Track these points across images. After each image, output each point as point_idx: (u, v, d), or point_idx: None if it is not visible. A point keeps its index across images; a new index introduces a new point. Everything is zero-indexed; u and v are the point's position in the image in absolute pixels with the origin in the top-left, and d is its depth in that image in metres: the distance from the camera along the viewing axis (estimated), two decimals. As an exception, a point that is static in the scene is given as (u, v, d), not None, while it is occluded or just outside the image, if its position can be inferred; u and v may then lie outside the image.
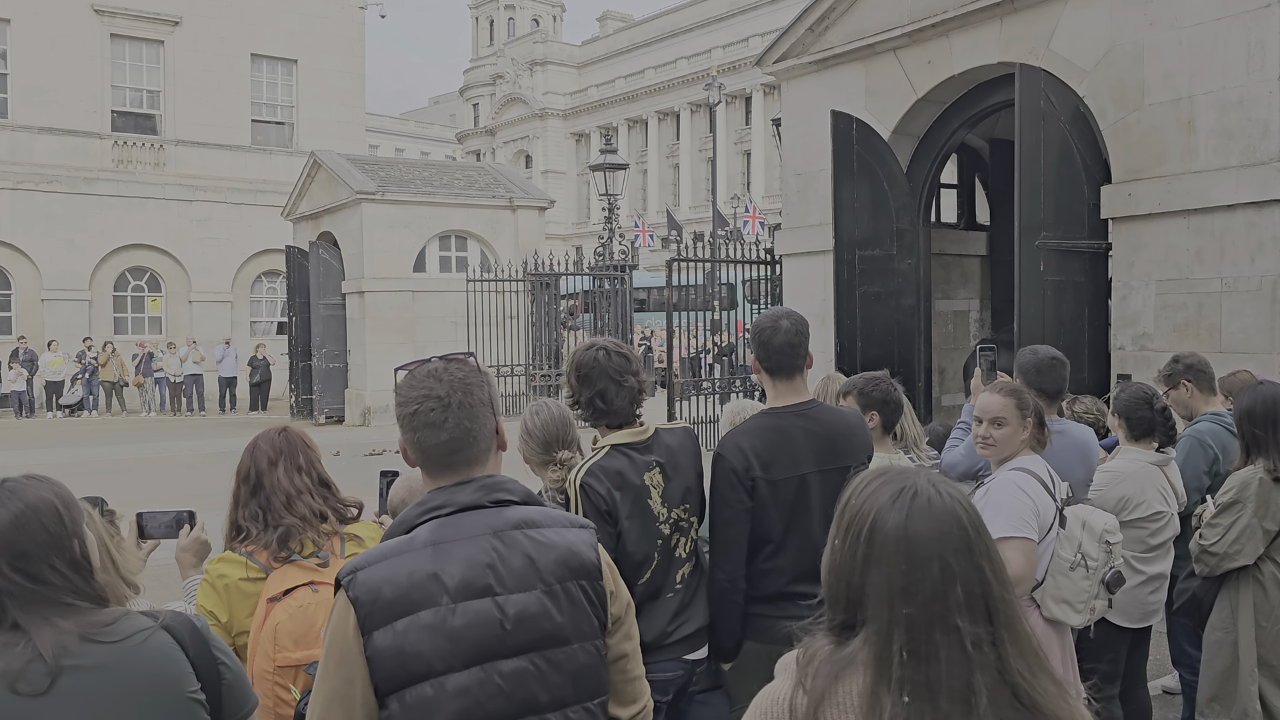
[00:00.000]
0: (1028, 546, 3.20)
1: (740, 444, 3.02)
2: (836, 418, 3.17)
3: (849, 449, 3.13)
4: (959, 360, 10.38)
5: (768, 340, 3.08)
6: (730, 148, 59.99)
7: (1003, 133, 10.20)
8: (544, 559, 1.81)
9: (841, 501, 1.44)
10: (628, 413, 2.94)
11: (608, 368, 2.89)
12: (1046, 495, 3.30)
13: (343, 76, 27.73)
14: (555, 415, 3.17)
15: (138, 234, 25.12)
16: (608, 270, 17.99)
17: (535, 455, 3.18)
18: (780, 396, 3.13)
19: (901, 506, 1.32)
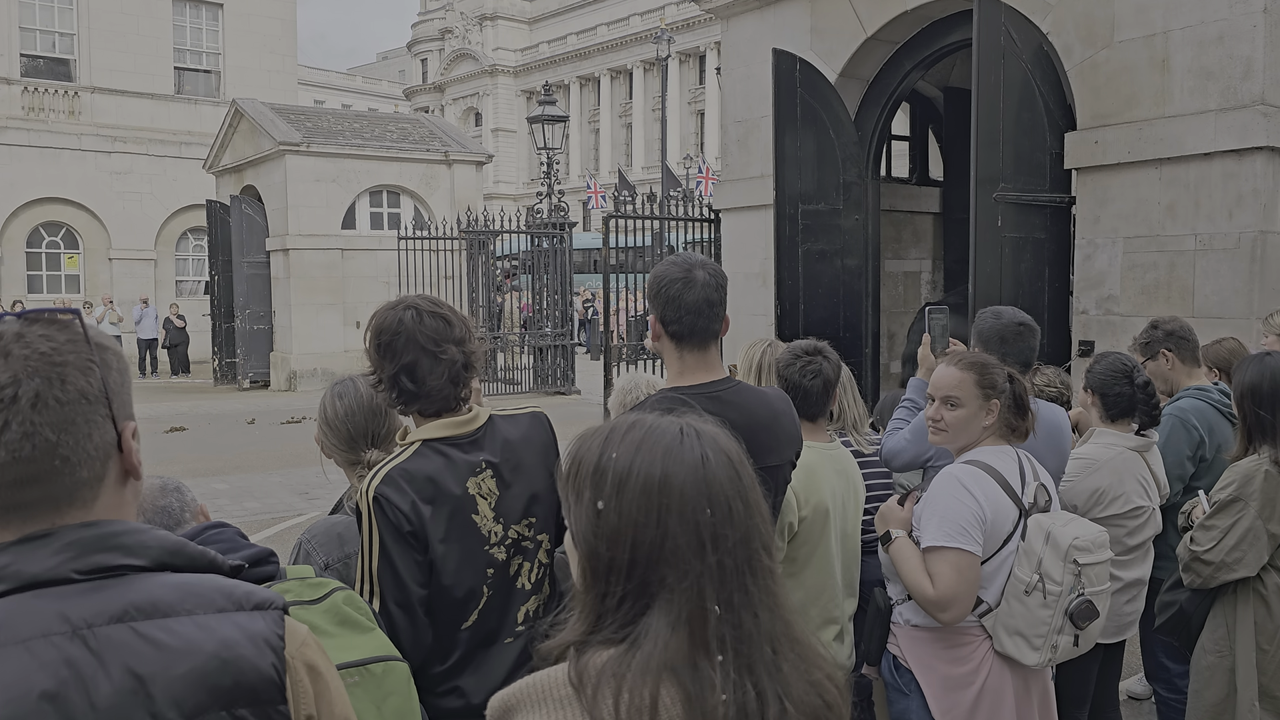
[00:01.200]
0: (961, 560, 2.55)
1: None
2: (758, 402, 2.42)
3: (773, 443, 2.40)
4: (908, 324, 9.74)
5: (678, 296, 2.31)
6: (684, 107, 58.96)
7: (958, 80, 9.51)
8: (164, 677, 1.04)
9: (586, 459, 1.19)
10: (448, 395, 2.16)
11: (418, 333, 2.11)
12: (1004, 497, 2.62)
13: (272, 22, 26.30)
14: (363, 399, 2.40)
15: (52, 187, 23.67)
16: (546, 229, 17.11)
17: (339, 454, 2.42)
18: (687, 372, 2.37)
19: (691, 449, 1.18)
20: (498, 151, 68.02)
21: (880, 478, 3.45)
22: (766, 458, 2.35)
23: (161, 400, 16.80)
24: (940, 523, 2.59)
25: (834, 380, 2.92)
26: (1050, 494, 2.72)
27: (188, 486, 2.04)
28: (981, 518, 2.57)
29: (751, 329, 8.93)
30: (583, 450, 1.20)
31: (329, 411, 2.41)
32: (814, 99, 7.74)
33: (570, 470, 1.20)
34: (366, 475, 2.14)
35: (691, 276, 2.31)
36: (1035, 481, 2.71)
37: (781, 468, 2.42)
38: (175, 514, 1.95)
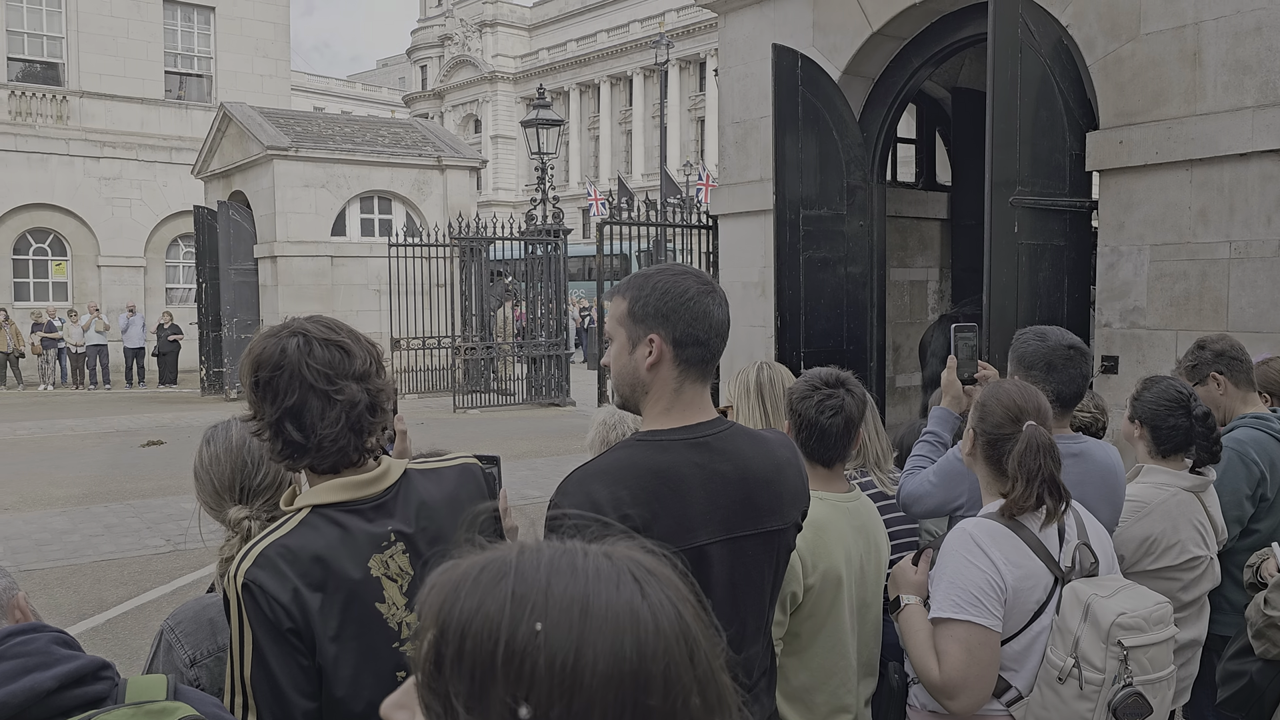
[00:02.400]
0: (973, 636, 2.10)
1: (594, 492, 1.74)
2: (757, 450, 1.90)
3: (774, 503, 1.89)
4: (916, 336, 9.28)
5: (705, 313, 1.82)
6: (684, 114, 58.62)
7: (967, 80, 9.07)
8: None
9: (480, 634, 0.68)
10: (345, 446, 1.68)
11: (305, 367, 1.65)
12: (1033, 559, 2.16)
13: (265, 26, 25.90)
14: (233, 443, 1.94)
15: (39, 193, 23.25)
16: (540, 235, 16.66)
17: (211, 510, 1.96)
18: (676, 410, 1.84)
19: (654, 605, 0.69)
20: (497, 158, 67.72)
21: (905, 522, 2.97)
22: (766, 521, 1.88)
23: (144, 411, 16.34)
24: (948, 589, 2.14)
25: (858, 419, 2.43)
26: (1096, 555, 2.25)
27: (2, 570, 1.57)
28: (999, 585, 2.12)
29: (750, 341, 8.47)
30: (457, 608, 0.70)
31: (197, 459, 1.95)
32: (816, 98, 7.28)
33: (433, 645, 0.70)
34: (233, 549, 1.68)
35: (716, 291, 1.84)
36: (1076, 540, 2.24)
37: (785, 532, 1.93)
38: None
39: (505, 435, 12.87)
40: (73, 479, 10.34)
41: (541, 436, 13.02)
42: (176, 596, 6.42)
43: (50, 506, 9.08)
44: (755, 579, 1.88)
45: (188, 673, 1.81)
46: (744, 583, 1.85)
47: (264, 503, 1.91)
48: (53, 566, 7.22)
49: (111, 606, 6.39)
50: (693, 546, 1.78)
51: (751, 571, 1.86)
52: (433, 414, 15.20)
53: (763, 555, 1.88)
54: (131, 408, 16.98)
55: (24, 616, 1.53)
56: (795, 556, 2.21)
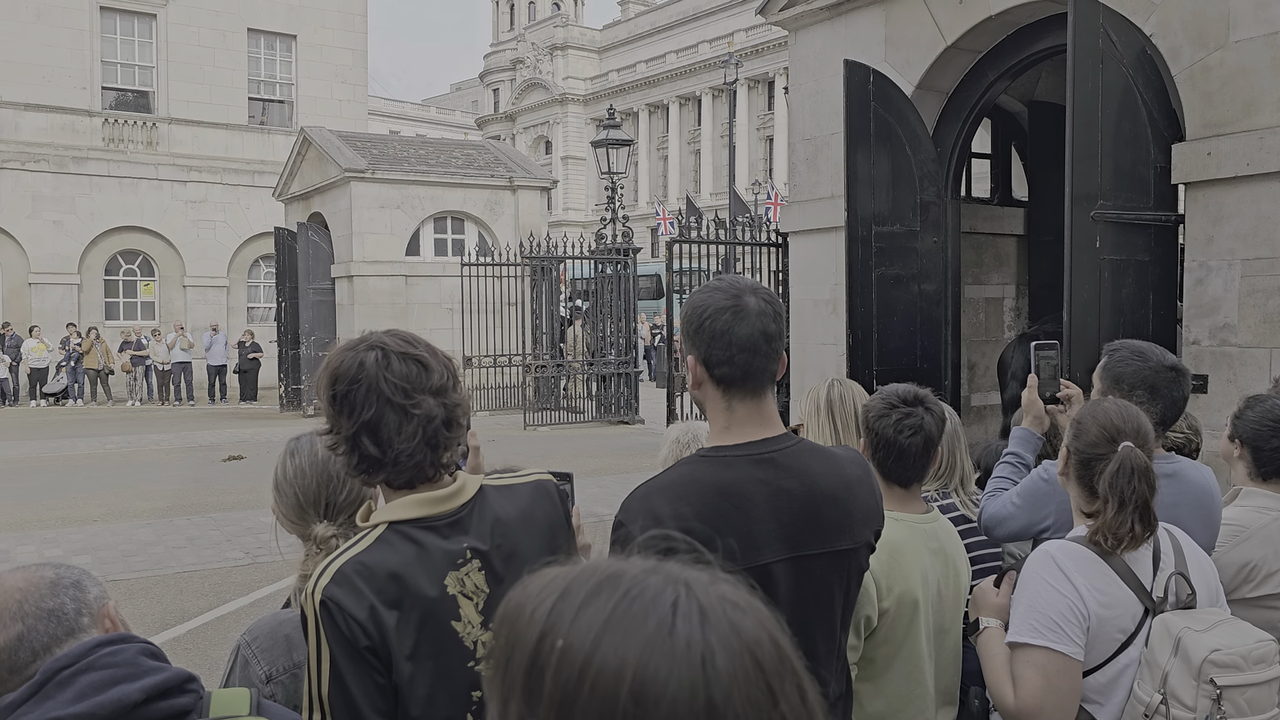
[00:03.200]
0: (1051, 663, 2.02)
1: (657, 509, 1.74)
2: (825, 466, 1.86)
3: (843, 521, 1.84)
4: (992, 354, 9.09)
5: (726, 330, 1.76)
6: (752, 134, 58.56)
7: (1044, 94, 8.88)
8: None
9: (522, 638, 0.68)
10: (422, 462, 1.68)
11: (382, 381, 1.64)
12: (1121, 587, 2.06)
13: (344, 53, 26.60)
14: (319, 458, 1.95)
15: (129, 216, 24.13)
16: (610, 254, 16.74)
17: (289, 524, 1.97)
18: (735, 427, 1.82)
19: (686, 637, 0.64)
20: (567, 179, 68.43)
21: (987, 546, 2.89)
22: (835, 540, 1.83)
23: (226, 427, 16.78)
24: (1027, 613, 2.06)
25: (937, 438, 2.36)
26: (1193, 586, 2.14)
27: (93, 579, 1.60)
28: (1081, 612, 2.03)
29: (821, 359, 8.38)
30: (517, 618, 0.70)
31: (278, 471, 1.97)
32: (889, 113, 7.20)
33: (497, 650, 0.71)
34: (314, 565, 1.69)
35: (742, 304, 1.77)
36: (1172, 569, 2.14)
37: (855, 552, 1.88)
38: (69, 619, 1.51)
39: (574, 452, 12.92)
40: (158, 492, 10.64)
41: (610, 454, 13.04)
42: (255, 609, 6.55)
43: (136, 518, 9.35)
44: (824, 600, 1.84)
45: (264, 689, 1.83)
46: (811, 603, 1.81)
47: (347, 518, 1.92)
48: (138, 577, 7.43)
49: (193, 617, 6.54)
50: (757, 565, 1.75)
51: (820, 592, 1.82)
52: (503, 431, 15.32)
53: (832, 575, 1.84)
54: (213, 423, 17.46)
55: (114, 626, 1.56)
56: (869, 579, 2.16)
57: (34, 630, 1.48)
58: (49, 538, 8.50)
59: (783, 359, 1.85)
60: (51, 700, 1.37)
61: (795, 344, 8.90)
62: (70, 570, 1.58)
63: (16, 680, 1.45)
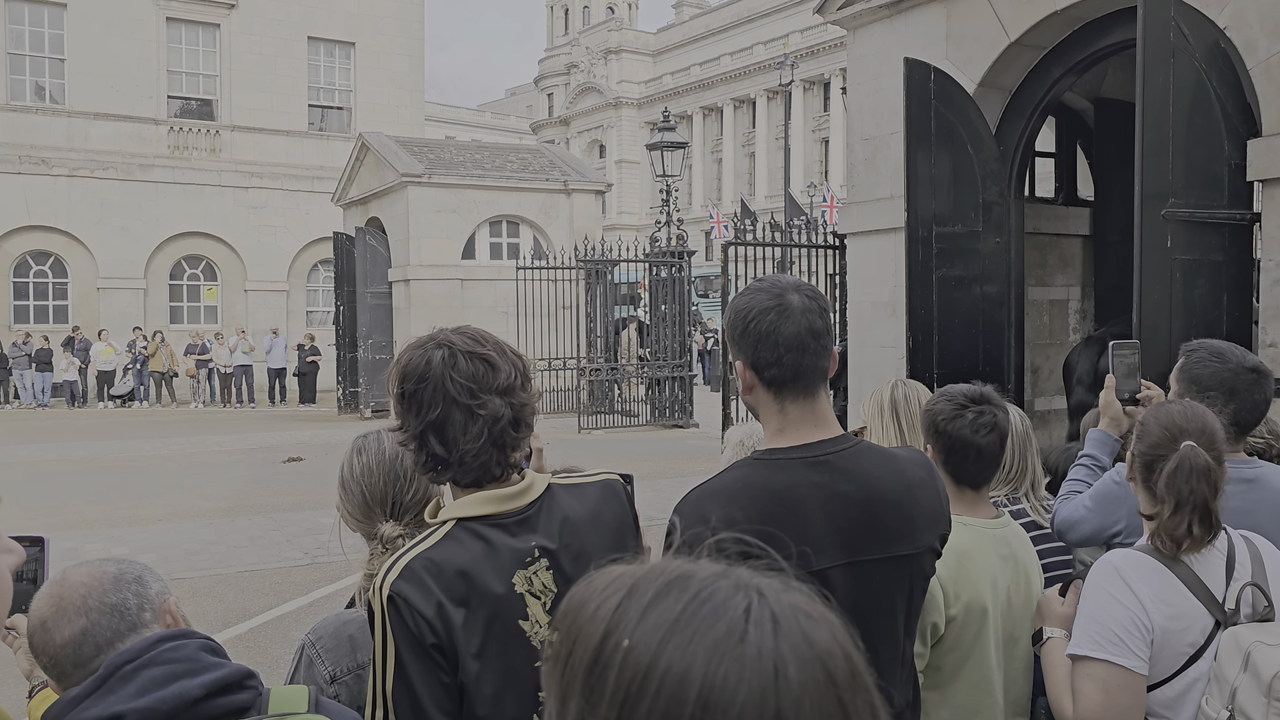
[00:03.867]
0: (1112, 677, 1.93)
1: (707, 513, 1.69)
2: (885, 468, 1.81)
3: (905, 526, 1.78)
4: (1056, 358, 8.89)
5: (772, 330, 1.71)
6: (807, 135, 58.19)
7: (1111, 90, 8.67)
8: None
9: (584, 636, 0.67)
10: (487, 462, 1.67)
11: (449, 380, 1.63)
12: (1189, 598, 1.97)
13: (401, 59, 26.95)
14: (385, 456, 1.94)
15: (193, 221, 24.69)
16: (664, 257, 16.71)
17: (355, 523, 1.96)
18: (789, 429, 1.77)
19: (759, 646, 0.63)
20: (621, 182, 68.59)
21: (1059, 552, 2.80)
22: (895, 545, 1.77)
23: (285, 429, 17.06)
24: (1088, 625, 1.98)
25: (1007, 435, 2.31)
26: (1270, 598, 2.03)
27: (155, 575, 1.61)
28: (1144, 624, 1.94)
29: (879, 362, 8.26)
30: (579, 613, 0.69)
31: (345, 469, 1.96)
32: (950, 111, 7.07)
33: (557, 649, 0.70)
34: (381, 563, 1.68)
35: (786, 303, 1.73)
36: (1247, 579, 2.03)
37: (918, 558, 1.82)
38: (131, 614, 1.52)
39: (628, 456, 12.90)
40: (219, 492, 10.83)
41: (665, 458, 13.00)
42: (314, 608, 6.62)
43: (199, 518, 9.52)
44: (885, 606, 1.79)
45: (328, 690, 1.83)
46: (872, 610, 1.77)
47: (414, 518, 1.91)
48: (200, 576, 7.56)
49: (254, 616, 6.63)
50: (813, 571, 1.70)
51: (880, 598, 1.77)
52: (558, 434, 15.36)
53: (893, 581, 1.78)
54: (273, 425, 17.75)
55: (175, 621, 1.56)
56: (935, 586, 2.10)
57: (97, 625, 1.49)
58: (116, 536, 8.69)
59: (834, 356, 1.80)
60: (114, 695, 1.37)
61: (854, 347, 8.78)
62: (133, 566, 1.59)
63: (81, 674, 1.46)
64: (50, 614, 1.49)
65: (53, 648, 1.49)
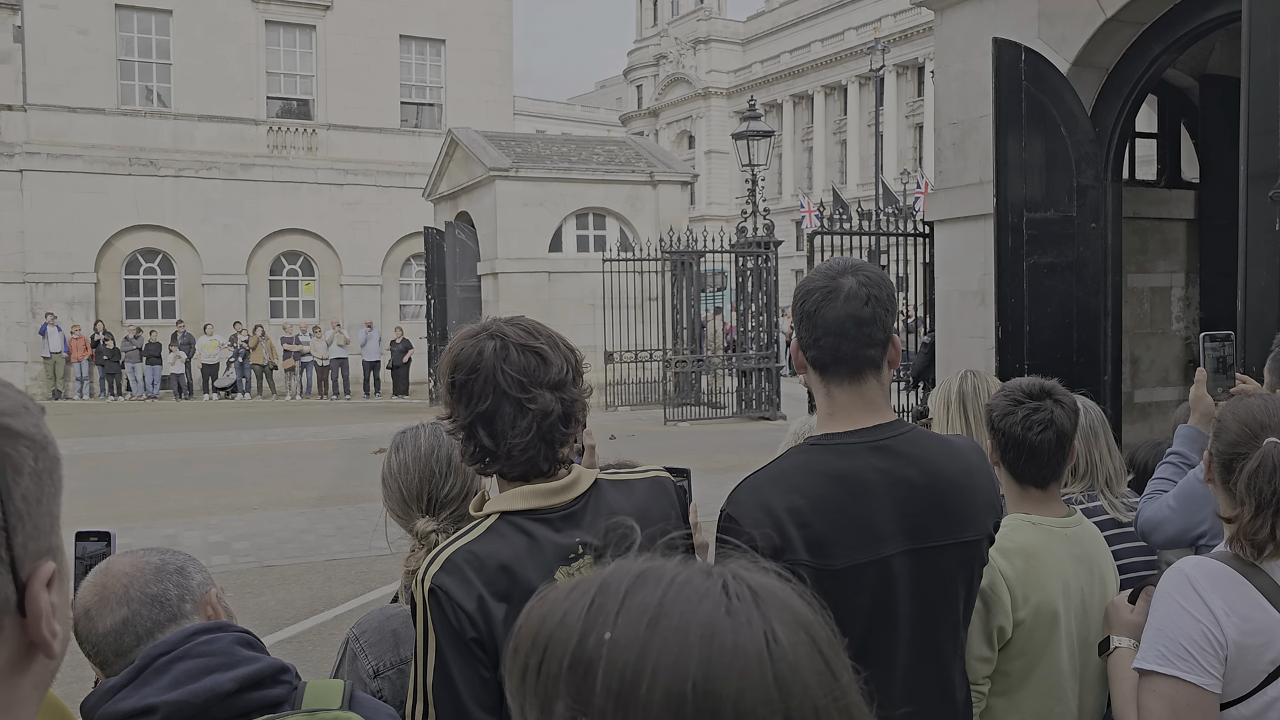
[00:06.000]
0: (1179, 694, 1.78)
1: (769, 501, 1.66)
2: (945, 453, 1.77)
3: (968, 510, 1.75)
4: (1157, 348, 8.52)
5: (815, 311, 1.70)
6: (900, 121, 57.06)
7: (1218, 66, 8.24)
8: None
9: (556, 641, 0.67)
10: (535, 457, 1.64)
11: (499, 372, 1.61)
12: (1269, 611, 1.81)
13: (490, 55, 27.27)
14: (422, 451, 1.93)
15: (291, 218, 25.42)
16: (751, 247, 16.56)
17: (396, 519, 1.96)
18: (840, 414, 1.74)
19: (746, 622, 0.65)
20: (710, 173, 68.30)
21: (1141, 553, 2.65)
22: (961, 530, 1.73)
23: (377, 420, 17.46)
24: (1156, 638, 1.83)
25: (1071, 432, 2.17)
26: None
27: (199, 565, 1.62)
28: (1218, 639, 1.78)
29: (969, 352, 8.02)
30: (543, 627, 0.68)
31: (385, 465, 1.96)
32: (1042, 92, 6.81)
33: (523, 663, 0.68)
34: (421, 556, 1.66)
35: (836, 285, 1.70)
36: None
37: (980, 543, 1.77)
38: (172, 605, 1.53)
39: (712, 449, 12.83)
40: (312, 482, 11.13)
41: (749, 450, 12.88)
42: (397, 596, 6.74)
43: (292, 507, 9.80)
44: (949, 594, 1.74)
45: (370, 684, 1.83)
46: (938, 598, 1.71)
47: (451, 513, 1.90)
48: (291, 564, 7.76)
49: (340, 603, 6.78)
50: (878, 558, 1.66)
51: (945, 586, 1.73)
52: (644, 426, 15.38)
53: (957, 568, 1.74)
54: (366, 417, 18.19)
55: (215, 613, 1.57)
56: (1003, 586, 1.99)
57: (138, 615, 1.50)
58: (213, 524, 9.00)
59: (893, 345, 1.73)
60: (148, 687, 1.38)
61: (942, 338, 8.56)
62: (176, 556, 1.60)
63: (121, 664, 1.48)
64: (94, 603, 1.51)
65: (95, 636, 1.51)
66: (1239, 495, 1.87)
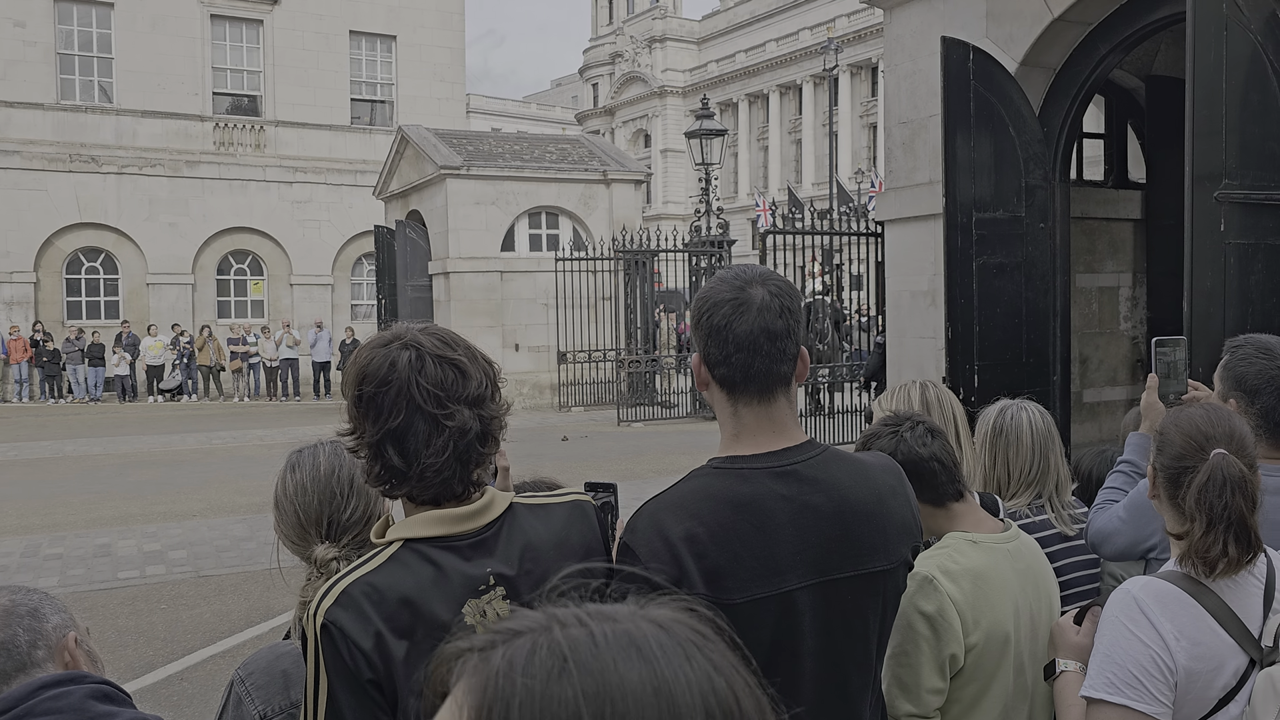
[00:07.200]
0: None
1: (666, 530, 1.54)
2: (855, 478, 1.64)
3: (878, 539, 1.63)
4: (1105, 348, 8.56)
5: (724, 325, 1.57)
6: (855, 121, 57.45)
7: (1163, 67, 8.29)
8: None
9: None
10: (450, 478, 1.51)
11: (415, 385, 1.48)
12: (1220, 635, 1.73)
13: (442, 51, 26.95)
14: (321, 472, 1.80)
15: (239, 217, 24.94)
16: (705, 246, 16.49)
17: (293, 545, 1.82)
18: (745, 435, 1.63)
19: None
20: (666, 172, 68.31)
21: (1086, 567, 2.56)
22: (869, 560, 1.61)
23: (328, 422, 16.88)
24: (1104, 663, 1.75)
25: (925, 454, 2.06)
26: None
27: (57, 605, 1.47)
28: (1167, 665, 1.70)
29: (919, 354, 8.00)
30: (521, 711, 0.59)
31: (278, 486, 1.82)
32: (990, 92, 6.78)
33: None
34: (321, 582, 1.53)
35: (745, 297, 1.57)
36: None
37: (892, 573, 1.65)
38: (21, 652, 1.37)
39: (666, 449, 12.73)
40: (255, 487, 10.84)
41: (702, 450, 12.73)
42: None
43: (233, 513, 9.53)
44: (857, 628, 1.62)
45: None
46: (843, 632, 1.60)
47: (352, 539, 1.76)
48: (229, 573, 7.53)
49: (279, 614, 6.56)
50: (781, 592, 1.55)
51: (852, 619, 1.61)
52: (597, 427, 15.25)
53: (866, 600, 1.62)
54: (316, 419, 17.85)
55: (74, 660, 1.42)
56: (953, 613, 1.89)
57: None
58: (150, 532, 8.72)
59: (801, 360, 1.63)
60: None
61: (893, 338, 8.53)
62: (30, 596, 1.45)
63: None
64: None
65: None
66: (1188, 511, 1.78)
